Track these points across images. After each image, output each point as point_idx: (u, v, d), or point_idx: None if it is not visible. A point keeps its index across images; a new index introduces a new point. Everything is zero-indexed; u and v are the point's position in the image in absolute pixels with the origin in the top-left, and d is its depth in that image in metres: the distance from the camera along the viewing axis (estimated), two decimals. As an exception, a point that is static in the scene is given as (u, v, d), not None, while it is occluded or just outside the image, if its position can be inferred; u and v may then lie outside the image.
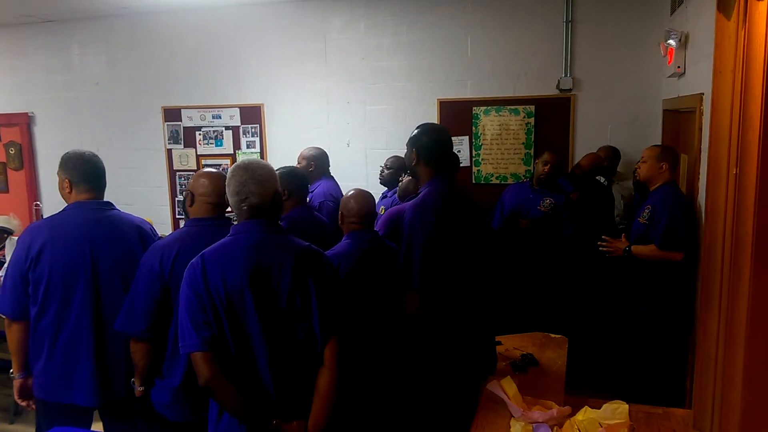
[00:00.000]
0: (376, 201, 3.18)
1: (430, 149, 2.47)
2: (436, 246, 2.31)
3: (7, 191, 6.28)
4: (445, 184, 2.46)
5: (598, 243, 3.36)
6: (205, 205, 2.26)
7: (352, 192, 2.59)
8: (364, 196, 2.55)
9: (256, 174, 1.91)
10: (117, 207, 2.54)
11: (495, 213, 4.25)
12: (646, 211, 3.25)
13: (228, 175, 1.95)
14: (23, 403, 2.49)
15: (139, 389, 2.23)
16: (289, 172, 2.94)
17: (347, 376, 2.07)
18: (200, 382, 1.80)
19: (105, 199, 2.51)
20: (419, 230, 2.31)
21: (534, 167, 4.15)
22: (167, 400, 2.18)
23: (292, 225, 2.76)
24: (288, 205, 2.86)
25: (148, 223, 2.59)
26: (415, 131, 2.54)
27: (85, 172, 2.44)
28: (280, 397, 1.87)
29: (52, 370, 2.38)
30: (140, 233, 2.47)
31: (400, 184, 3.22)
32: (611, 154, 4.47)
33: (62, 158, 2.47)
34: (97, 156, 2.53)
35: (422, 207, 2.35)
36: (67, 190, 2.46)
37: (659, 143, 4.24)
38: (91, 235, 2.37)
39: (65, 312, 2.36)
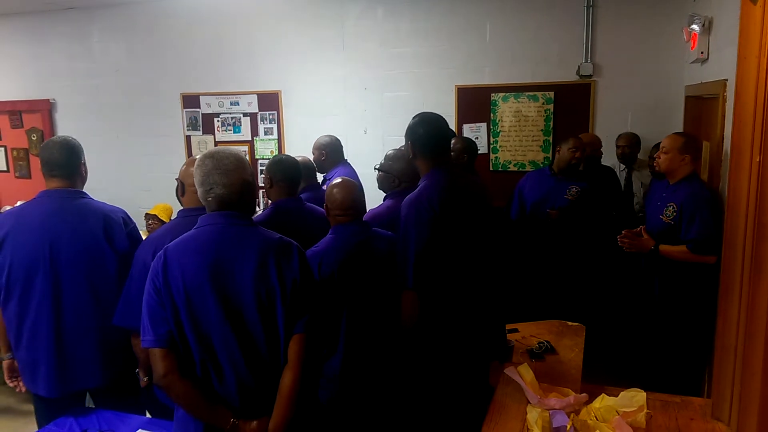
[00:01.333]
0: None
1: (427, 140, 2.40)
2: (432, 243, 2.25)
3: (29, 177, 6.39)
4: (444, 176, 2.38)
5: (618, 237, 3.21)
6: (196, 195, 2.15)
7: (335, 182, 2.43)
8: (347, 185, 2.40)
9: (222, 164, 1.82)
10: (89, 195, 2.46)
11: (513, 202, 4.19)
12: (671, 209, 3.08)
13: (195, 165, 1.87)
14: (12, 384, 2.50)
15: (143, 380, 2.25)
16: (275, 161, 2.81)
17: (314, 376, 2.00)
18: (154, 378, 1.77)
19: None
20: (414, 228, 2.25)
21: (556, 153, 4.03)
22: None
23: (277, 214, 2.67)
24: (273, 194, 2.77)
25: (122, 212, 2.48)
26: (410, 123, 2.46)
27: (49, 160, 2.38)
28: (243, 396, 1.81)
29: (19, 358, 2.40)
30: (106, 223, 2.38)
31: (377, 177, 3.09)
32: (633, 141, 4.41)
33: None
34: (69, 142, 2.43)
35: (417, 203, 2.29)
36: (44, 178, 2.43)
37: (681, 130, 4.18)
38: (53, 225, 2.31)
39: (27, 302, 2.33)
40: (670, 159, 3.12)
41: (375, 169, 3.05)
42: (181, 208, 2.37)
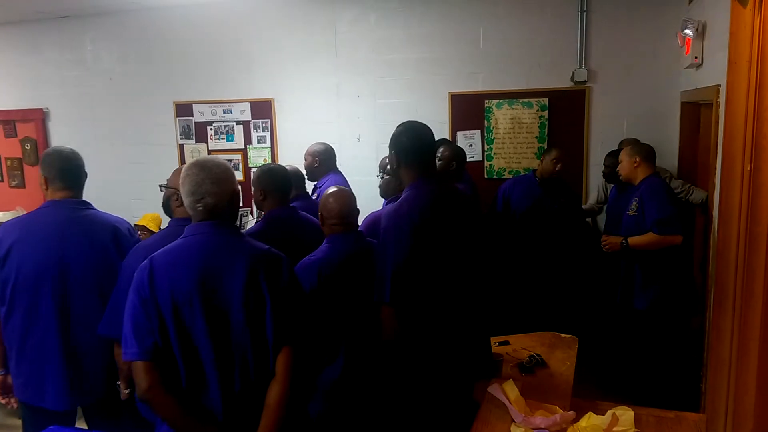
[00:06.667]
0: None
1: (411, 150, 2.33)
2: (411, 257, 2.17)
3: (23, 186, 6.36)
4: (428, 186, 2.32)
5: (601, 240, 3.48)
6: None
7: (330, 191, 2.43)
8: (343, 194, 2.39)
9: (213, 173, 1.81)
10: (94, 206, 2.45)
11: (497, 205, 4.14)
12: (634, 203, 3.34)
13: (182, 174, 1.85)
14: (3, 401, 2.45)
15: (124, 392, 2.20)
16: (264, 171, 2.78)
17: (302, 390, 1.98)
18: (137, 392, 1.73)
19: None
20: (392, 240, 2.18)
21: (540, 162, 4.05)
22: None
23: (271, 225, 2.64)
24: (266, 205, 2.74)
25: (126, 223, 2.50)
26: (395, 132, 2.40)
27: (60, 170, 2.36)
28: (228, 410, 1.78)
29: (23, 372, 2.34)
30: (115, 234, 2.38)
31: (380, 183, 3.02)
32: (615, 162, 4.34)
33: (43, 155, 2.43)
34: (76, 153, 2.43)
35: (396, 215, 2.21)
36: (44, 188, 2.40)
37: (677, 137, 4.15)
38: (62, 236, 2.29)
39: (34, 313, 2.29)
40: (625, 166, 3.47)
41: (381, 172, 3.01)
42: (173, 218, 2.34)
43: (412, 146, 2.33)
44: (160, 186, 2.35)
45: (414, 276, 2.18)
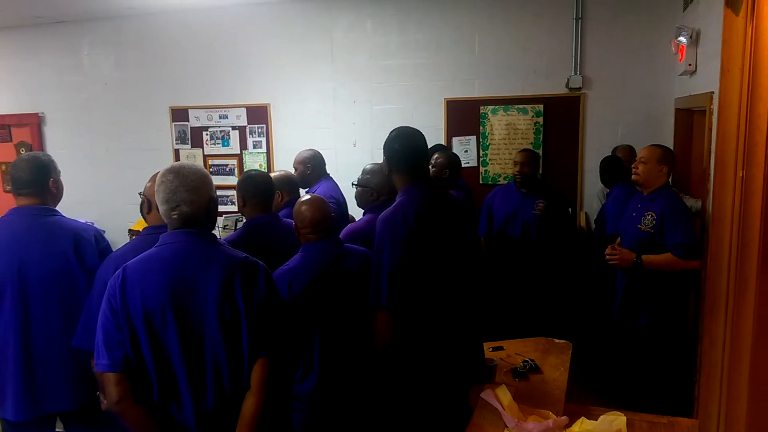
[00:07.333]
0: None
1: (402, 156, 2.33)
2: (406, 261, 2.17)
3: (18, 191, 6.33)
4: (421, 192, 2.31)
5: (605, 253, 3.18)
6: None
7: (303, 198, 2.40)
8: (315, 202, 2.34)
9: (188, 180, 1.76)
10: (61, 213, 2.40)
11: (482, 219, 4.11)
12: (649, 217, 3.06)
13: (157, 181, 1.79)
14: None
15: (104, 403, 2.18)
16: (244, 178, 2.75)
17: (278, 402, 1.93)
18: (107, 404, 1.70)
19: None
20: (388, 246, 2.16)
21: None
22: None
23: (252, 232, 2.62)
24: (247, 212, 2.72)
25: (93, 230, 2.41)
26: (387, 138, 2.40)
27: (17, 178, 2.33)
28: (201, 424, 1.73)
29: None
30: (77, 241, 2.30)
31: (355, 194, 3.04)
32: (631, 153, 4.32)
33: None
34: (36, 159, 2.37)
35: (391, 220, 2.21)
36: (14, 197, 2.38)
37: (671, 143, 4.15)
38: (21, 243, 2.25)
39: None
40: (649, 169, 3.10)
41: (352, 185, 3.00)
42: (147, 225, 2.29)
43: (403, 152, 2.34)
44: (139, 193, 2.32)
45: (409, 281, 2.18)
